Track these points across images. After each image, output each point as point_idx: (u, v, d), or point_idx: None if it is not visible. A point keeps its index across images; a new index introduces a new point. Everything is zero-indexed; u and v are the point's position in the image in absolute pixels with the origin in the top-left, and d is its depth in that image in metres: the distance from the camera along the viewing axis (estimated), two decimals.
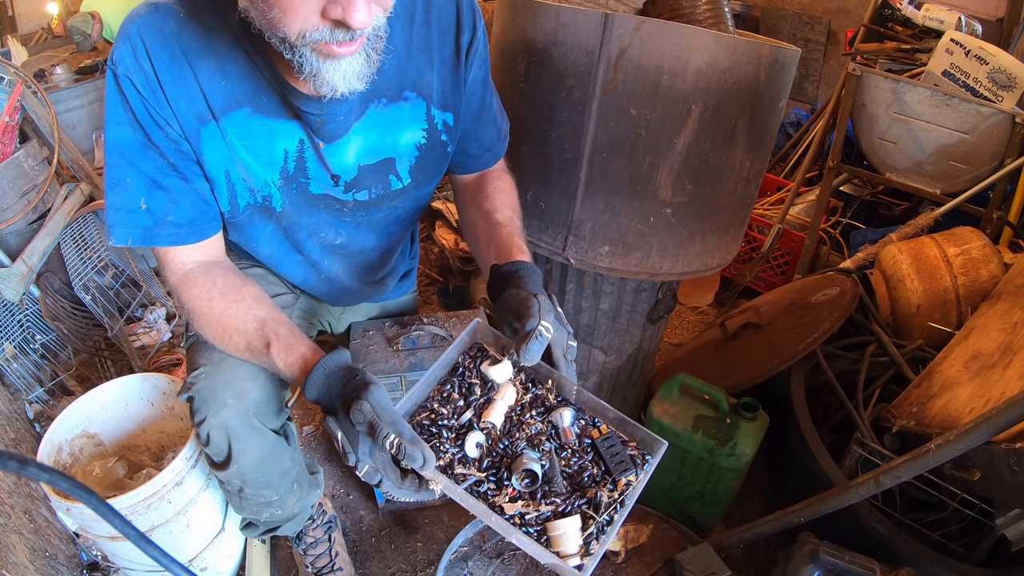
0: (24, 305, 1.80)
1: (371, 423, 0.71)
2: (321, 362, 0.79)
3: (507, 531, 0.70)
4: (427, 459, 0.70)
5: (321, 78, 0.73)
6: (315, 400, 0.78)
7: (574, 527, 0.71)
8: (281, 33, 0.69)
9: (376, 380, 0.75)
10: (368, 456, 0.75)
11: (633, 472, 0.77)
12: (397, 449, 0.69)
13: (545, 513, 0.73)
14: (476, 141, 1.05)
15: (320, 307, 1.27)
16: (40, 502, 1.29)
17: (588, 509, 0.74)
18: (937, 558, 1.17)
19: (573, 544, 0.70)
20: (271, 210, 0.96)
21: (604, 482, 0.76)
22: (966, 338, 1.42)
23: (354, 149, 0.94)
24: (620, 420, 0.82)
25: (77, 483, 0.43)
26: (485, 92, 1.02)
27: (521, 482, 0.74)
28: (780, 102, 1.28)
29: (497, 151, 1.10)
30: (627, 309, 1.50)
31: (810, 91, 4.07)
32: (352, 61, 0.74)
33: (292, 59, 0.72)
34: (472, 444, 0.77)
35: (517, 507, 0.73)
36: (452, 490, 0.73)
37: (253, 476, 0.99)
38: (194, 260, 0.90)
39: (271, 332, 0.85)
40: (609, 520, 0.73)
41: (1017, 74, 1.96)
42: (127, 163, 0.83)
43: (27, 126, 1.89)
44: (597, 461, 0.79)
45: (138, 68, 0.78)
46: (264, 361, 0.86)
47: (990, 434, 0.95)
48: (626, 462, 0.77)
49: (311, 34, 0.68)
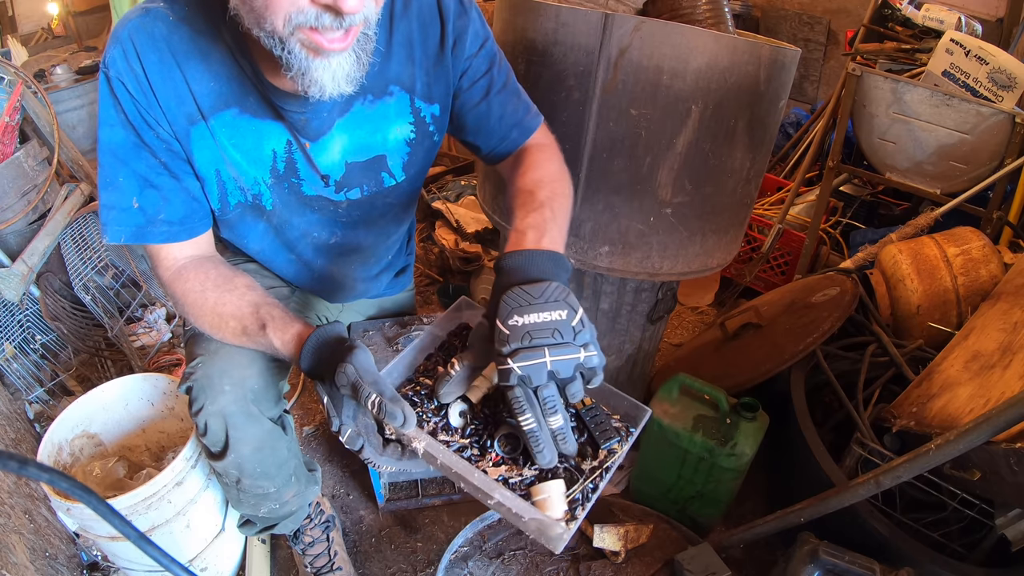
0: (24, 305, 1.80)
1: (354, 384, 0.71)
2: (315, 333, 0.80)
3: (489, 488, 0.69)
4: (407, 417, 0.70)
5: (309, 77, 0.73)
6: (308, 370, 0.79)
7: (558, 491, 0.70)
8: (269, 25, 0.68)
9: (363, 346, 0.76)
10: (351, 420, 0.76)
11: (617, 440, 0.77)
12: (378, 408, 0.69)
13: (529, 478, 0.73)
14: (495, 119, 0.99)
15: (318, 303, 1.27)
16: (40, 502, 1.29)
17: (573, 472, 0.73)
18: (937, 558, 1.17)
19: (558, 509, 0.69)
20: (261, 209, 0.97)
21: (588, 451, 0.77)
22: (966, 338, 1.42)
23: (339, 146, 0.94)
24: (606, 392, 0.82)
25: (77, 483, 0.43)
26: (491, 68, 0.98)
27: (504, 447, 0.75)
28: (780, 102, 1.28)
29: (527, 125, 1.00)
30: (627, 309, 1.50)
31: (810, 91, 4.07)
32: (342, 60, 0.73)
33: (281, 55, 0.71)
34: (455, 413, 0.77)
35: (500, 471, 0.73)
36: (434, 447, 0.72)
37: (250, 466, 1.00)
38: (186, 256, 0.91)
39: (266, 314, 0.86)
40: (594, 487, 0.72)
41: (1017, 74, 1.96)
42: (119, 163, 0.84)
43: (27, 126, 1.89)
44: (581, 430, 0.79)
45: (129, 71, 0.80)
46: (261, 342, 0.86)
47: (990, 434, 0.95)
48: (610, 431, 0.78)
49: (296, 17, 0.67)
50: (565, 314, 0.66)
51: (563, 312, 0.66)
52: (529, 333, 0.65)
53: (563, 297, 0.68)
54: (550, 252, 0.75)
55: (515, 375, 0.65)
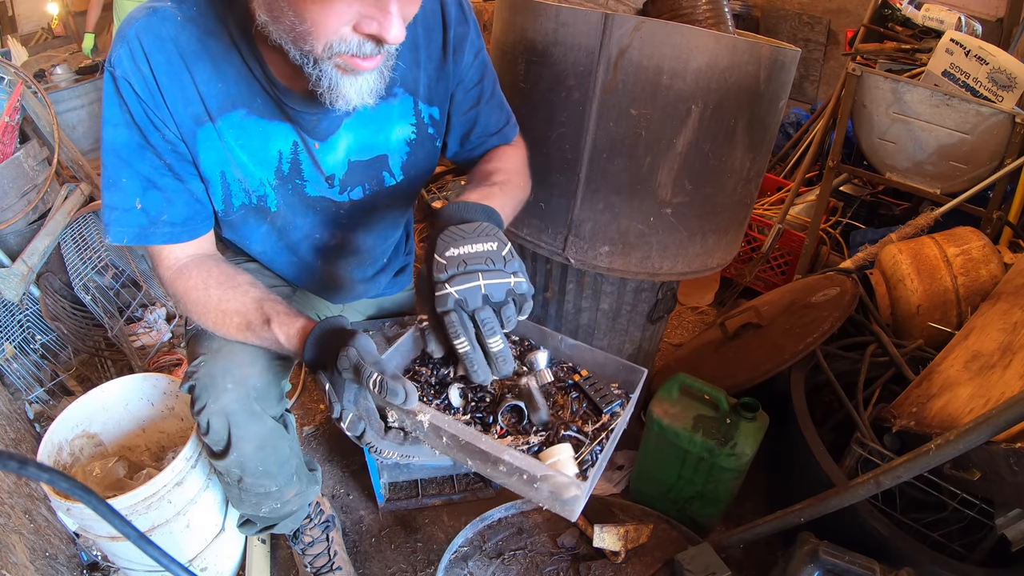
0: (24, 305, 1.80)
1: (355, 365, 0.72)
2: (318, 325, 0.80)
3: (498, 451, 0.69)
4: (408, 393, 0.70)
5: (337, 92, 0.75)
6: (311, 360, 0.79)
7: (567, 454, 0.70)
8: (308, 46, 0.70)
9: (364, 333, 0.77)
10: (352, 404, 0.77)
11: (619, 404, 0.78)
12: (380, 386, 0.70)
13: (535, 445, 0.73)
14: (480, 127, 1.05)
15: (319, 303, 1.28)
16: (40, 502, 1.29)
17: (579, 436, 0.74)
18: (937, 558, 1.17)
19: (569, 471, 0.69)
20: (266, 210, 0.97)
21: (590, 417, 0.77)
22: (966, 338, 1.42)
23: (344, 145, 0.96)
24: (600, 359, 0.84)
25: (77, 483, 0.43)
26: (483, 78, 1.03)
27: (507, 421, 0.75)
28: (780, 102, 1.28)
29: (506, 134, 1.08)
30: (627, 309, 1.50)
31: (810, 91, 4.07)
32: (369, 77, 0.76)
33: (311, 72, 0.73)
34: (455, 394, 0.78)
35: (507, 443, 0.73)
36: (438, 418, 0.73)
37: (252, 464, 1.00)
38: (187, 255, 0.91)
39: (271, 309, 0.86)
40: (601, 448, 0.73)
41: (1017, 74, 1.96)
42: (123, 163, 0.84)
43: (27, 126, 1.89)
44: (581, 400, 0.80)
45: (136, 71, 0.79)
46: (265, 337, 0.86)
47: (990, 434, 0.95)
48: (611, 396, 0.79)
49: (339, 46, 0.70)
50: (496, 246, 0.72)
51: (494, 244, 0.72)
52: (464, 260, 0.70)
53: (493, 233, 0.73)
54: (484, 205, 0.79)
55: (452, 298, 0.69)
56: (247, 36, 0.81)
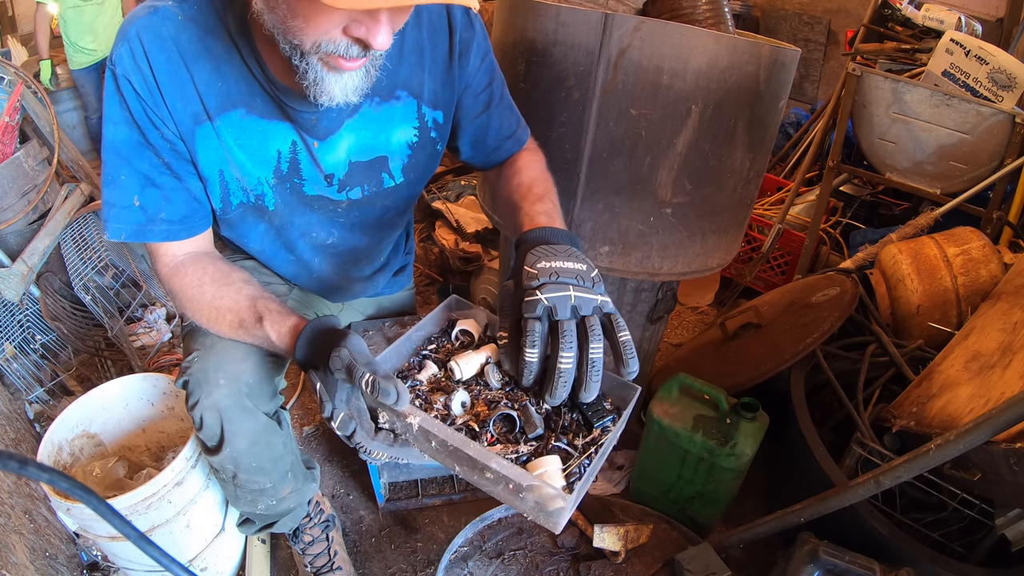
0: (24, 305, 1.81)
1: (348, 366, 0.72)
2: (310, 324, 0.81)
3: (486, 458, 0.68)
4: (400, 394, 0.70)
5: (321, 87, 0.76)
6: (303, 359, 0.80)
7: (555, 465, 0.70)
8: (296, 40, 0.71)
9: (355, 333, 0.78)
10: (344, 404, 0.77)
11: (611, 419, 0.78)
12: (372, 387, 0.70)
13: (524, 455, 0.73)
14: (494, 131, 1.06)
15: (317, 302, 1.28)
16: (40, 502, 1.29)
17: (568, 449, 0.73)
18: (937, 558, 1.17)
19: (556, 483, 0.68)
20: (264, 209, 0.98)
21: (581, 431, 0.77)
22: (966, 338, 1.42)
23: (345, 145, 0.96)
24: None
25: (77, 483, 0.43)
26: (492, 82, 1.03)
27: (498, 429, 0.75)
28: (780, 102, 1.28)
29: (520, 137, 1.09)
30: (627, 309, 1.50)
31: (810, 91, 4.07)
32: (354, 76, 0.77)
33: (297, 64, 0.74)
34: (457, 403, 0.78)
35: (496, 451, 0.73)
36: (428, 422, 0.72)
37: (246, 460, 1.00)
38: (185, 252, 0.92)
39: (263, 308, 0.86)
40: (590, 462, 0.72)
41: (1017, 74, 1.96)
42: (122, 161, 0.85)
43: (27, 126, 1.89)
44: (574, 411, 0.80)
45: (136, 69, 0.80)
46: (257, 335, 0.87)
47: (990, 434, 0.95)
48: (603, 411, 0.78)
49: (327, 45, 0.70)
50: (585, 268, 0.73)
51: (583, 266, 0.73)
52: (556, 272, 0.71)
53: (582, 257, 0.75)
54: (569, 231, 0.84)
55: (542, 304, 0.68)
56: (246, 35, 0.82)
